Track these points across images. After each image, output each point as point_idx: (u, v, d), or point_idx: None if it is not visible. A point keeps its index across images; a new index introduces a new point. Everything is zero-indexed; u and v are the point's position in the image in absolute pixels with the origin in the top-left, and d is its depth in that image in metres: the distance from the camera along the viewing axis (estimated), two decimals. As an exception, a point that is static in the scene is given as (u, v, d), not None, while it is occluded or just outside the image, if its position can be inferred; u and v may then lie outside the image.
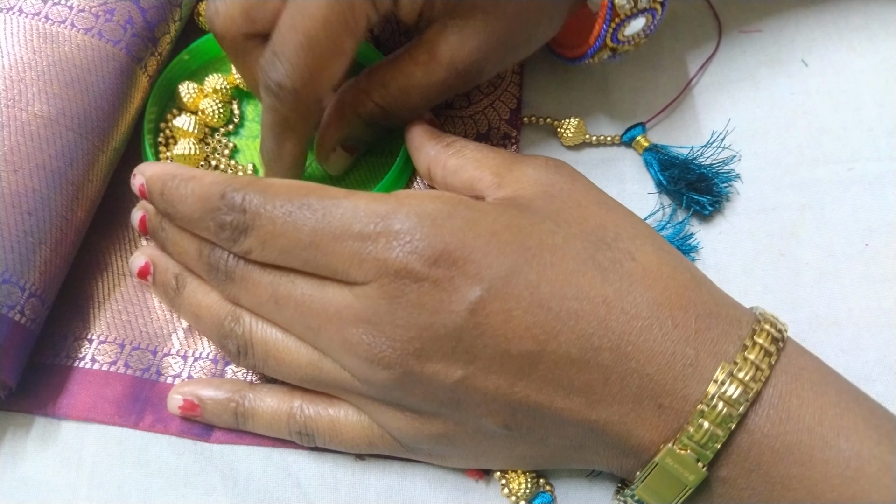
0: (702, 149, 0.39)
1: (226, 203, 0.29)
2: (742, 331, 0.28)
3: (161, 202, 0.32)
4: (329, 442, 0.32)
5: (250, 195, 0.29)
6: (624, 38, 0.36)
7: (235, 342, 0.31)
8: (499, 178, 0.31)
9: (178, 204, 0.31)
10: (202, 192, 0.30)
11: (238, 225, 0.29)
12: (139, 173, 0.33)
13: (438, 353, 0.27)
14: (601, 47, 0.36)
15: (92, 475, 0.32)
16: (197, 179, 0.31)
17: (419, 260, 0.27)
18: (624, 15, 0.35)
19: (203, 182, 0.30)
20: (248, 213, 0.29)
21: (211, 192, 0.30)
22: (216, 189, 0.30)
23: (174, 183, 0.31)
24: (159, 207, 0.32)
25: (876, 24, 0.43)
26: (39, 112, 0.33)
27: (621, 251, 0.29)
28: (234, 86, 0.40)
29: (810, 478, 0.27)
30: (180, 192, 0.31)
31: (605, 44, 0.36)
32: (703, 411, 0.27)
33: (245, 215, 0.29)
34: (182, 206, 0.31)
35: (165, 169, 0.32)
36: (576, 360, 0.27)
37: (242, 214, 0.29)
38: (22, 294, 0.32)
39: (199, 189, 0.30)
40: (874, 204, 0.38)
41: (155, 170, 0.32)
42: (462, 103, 0.40)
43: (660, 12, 0.35)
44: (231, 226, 0.29)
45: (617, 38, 0.36)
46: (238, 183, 0.30)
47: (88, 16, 0.36)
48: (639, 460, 0.28)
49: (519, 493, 0.32)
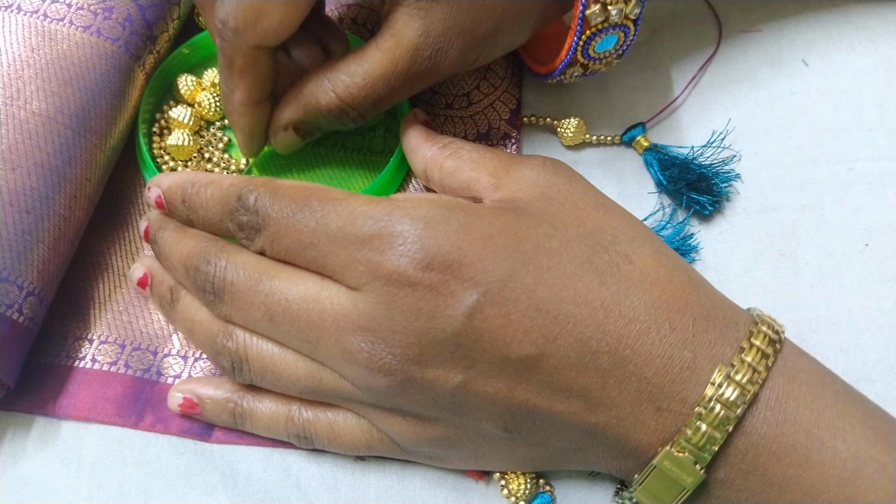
0: (702, 148, 0.39)
1: (241, 204, 0.30)
2: (739, 333, 0.28)
3: (184, 209, 0.32)
4: (328, 445, 0.32)
5: (262, 196, 0.30)
6: (595, 54, 0.36)
7: (229, 358, 0.31)
8: (496, 179, 0.31)
9: (199, 209, 0.32)
10: (220, 196, 0.31)
11: (253, 225, 0.30)
12: (154, 185, 0.34)
13: (437, 359, 0.27)
14: (572, 62, 0.36)
15: (92, 475, 0.32)
16: (215, 184, 0.32)
17: (412, 264, 0.27)
18: (595, 27, 0.34)
19: (222, 185, 0.31)
20: (260, 213, 0.30)
21: (229, 193, 0.31)
22: (233, 191, 0.31)
23: (194, 189, 0.32)
24: (181, 215, 0.33)
25: (876, 24, 0.43)
26: (37, 110, 0.33)
27: (619, 254, 0.29)
28: (233, 81, 0.40)
29: (807, 479, 0.27)
30: (201, 198, 0.32)
31: (576, 59, 0.36)
32: (701, 414, 0.27)
33: (257, 216, 0.30)
34: (203, 211, 0.32)
35: (182, 178, 0.33)
36: (574, 363, 0.27)
37: (255, 215, 0.30)
38: (20, 293, 0.32)
39: (217, 193, 0.31)
40: (874, 204, 0.38)
41: (172, 179, 0.33)
42: (462, 103, 0.40)
43: (632, 31, 0.36)
44: (248, 226, 0.30)
45: (588, 54, 0.36)
46: (252, 184, 0.30)
47: (87, 13, 0.35)
48: (637, 462, 0.29)
49: (518, 494, 0.32)
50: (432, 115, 0.39)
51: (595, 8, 0.34)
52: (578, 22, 0.34)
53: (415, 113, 0.36)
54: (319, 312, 0.28)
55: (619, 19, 0.35)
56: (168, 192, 0.33)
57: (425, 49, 0.33)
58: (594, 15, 0.34)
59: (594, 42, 0.35)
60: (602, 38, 0.35)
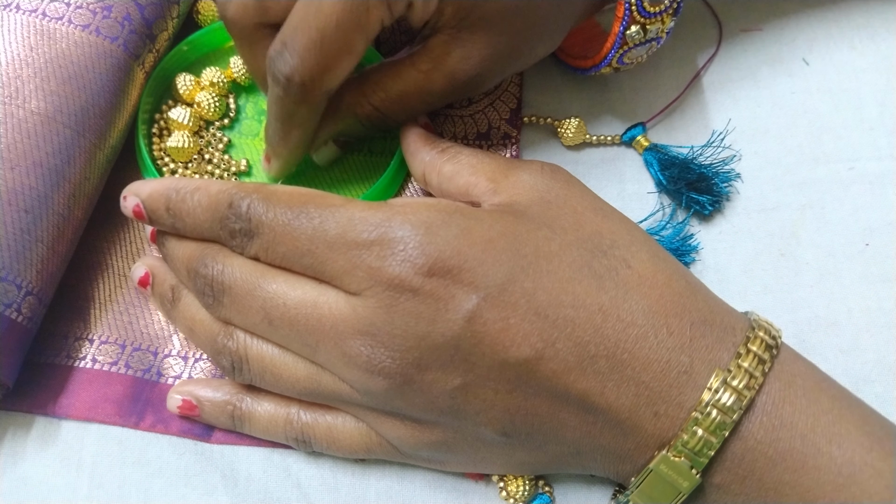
0: (702, 148, 0.39)
1: (233, 212, 0.30)
2: (736, 338, 0.28)
3: (168, 217, 0.31)
4: (326, 448, 0.32)
5: (254, 203, 0.29)
6: (629, 59, 0.37)
7: (229, 358, 0.31)
8: (494, 183, 0.31)
9: (186, 217, 0.31)
10: (209, 202, 0.30)
11: (245, 232, 0.30)
12: (132, 194, 0.32)
13: (437, 363, 0.27)
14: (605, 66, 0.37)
15: (92, 475, 0.33)
16: (202, 190, 0.31)
17: (413, 269, 0.27)
18: (633, 44, 0.35)
19: (210, 192, 0.30)
20: (253, 221, 0.29)
21: (219, 200, 0.30)
22: (224, 198, 0.30)
23: (179, 196, 0.31)
24: (166, 223, 0.32)
25: (877, 23, 0.43)
26: (36, 109, 0.33)
27: (617, 258, 0.29)
28: (232, 80, 0.40)
29: (803, 484, 0.27)
30: (187, 205, 0.31)
31: (610, 64, 0.37)
32: (698, 419, 0.27)
33: (250, 223, 0.29)
34: (191, 219, 0.31)
35: (164, 184, 0.31)
36: (573, 367, 0.27)
37: (248, 222, 0.29)
38: (19, 292, 0.32)
39: (205, 199, 0.30)
40: (875, 203, 0.38)
41: (153, 187, 0.31)
42: (462, 103, 0.40)
43: (664, 39, 0.36)
44: (240, 233, 0.30)
45: (622, 61, 0.37)
46: (244, 190, 0.30)
47: (86, 12, 0.35)
48: (634, 466, 0.29)
49: (517, 496, 0.32)
50: (432, 115, 0.39)
51: (634, 29, 0.35)
52: (617, 39, 0.35)
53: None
54: (318, 317, 0.28)
55: (656, 34, 0.36)
56: (149, 200, 0.31)
57: (462, 75, 0.33)
58: (632, 36, 0.35)
59: (630, 53, 0.36)
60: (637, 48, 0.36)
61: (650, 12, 0.35)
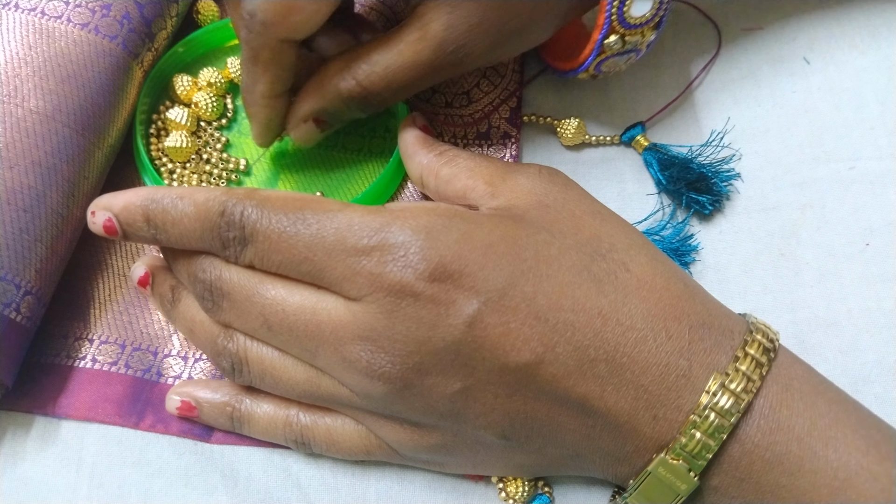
0: (701, 148, 0.39)
1: (226, 220, 0.29)
2: (734, 341, 0.28)
3: (147, 229, 0.30)
4: (325, 450, 0.32)
5: (248, 210, 0.29)
6: (607, 68, 0.37)
7: (229, 359, 0.31)
8: (492, 187, 0.31)
9: (171, 227, 0.30)
10: (197, 211, 0.29)
11: (240, 241, 0.29)
12: (101, 209, 0.30)
13: (437, 367, 0.27)
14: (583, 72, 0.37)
15: (92, 475, 0.33)
16: (187, 198, 0.29)
17: (414, 274, 0.27)
18: (611, 53, 0.35)
19: (196, 199, 0.29)
20: (247, 228, 0.29)
21: (209, 208, 0.29)
22: (214, 206, 0.29)
23: (159, 207, 0.30)
24: (145, 235, 0.30)
25: (878, 22, 0.42)
26: (35, 108, 0.33)
27: (616, 262, 0.29)
28: (229, 80, 0.40)
29: (799, 487, 0.27)
30: (172, 215, 0.29)
31: (587, 71, 0.37)
32: (696, 422, 0.27)
33: (244, 231, 0.29)
34: (177, 229, 0.30)
35: (139, 195, 0.30)
36: (572, 371, 0.27)
37: (242, 230, 0.29)
38: (18, 292, 0.32)
39: (192, 208, 0.29)
40: (875, 203, 0.38)
41: (128, 198, 0.30)
42: (462, 102, 0.40)
43: (644, 52, 0.36)
44: (234, 242, 0.29)
45: (600, 69, 0.37)
46: (235, 197, 0.29)
47: (85, 11, 0.35)
48: (633, 468, 0.29)
49: (517, 497, 0.32)
50: (432, 114, 0.39)
51: (613, 38, 0.34)
52: (596, 47, 0.35)
53: (413, 117, 0.36)
54: (317, 323, 0.28)
55: (635, 46, 0.35)
56: (125, 212, 0.30)
57: (450, 44, 0.32)
58: (610, 45, 0.35)
59: (608, 61, 0.36)
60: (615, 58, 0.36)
61: (631, 24, 0.34)
